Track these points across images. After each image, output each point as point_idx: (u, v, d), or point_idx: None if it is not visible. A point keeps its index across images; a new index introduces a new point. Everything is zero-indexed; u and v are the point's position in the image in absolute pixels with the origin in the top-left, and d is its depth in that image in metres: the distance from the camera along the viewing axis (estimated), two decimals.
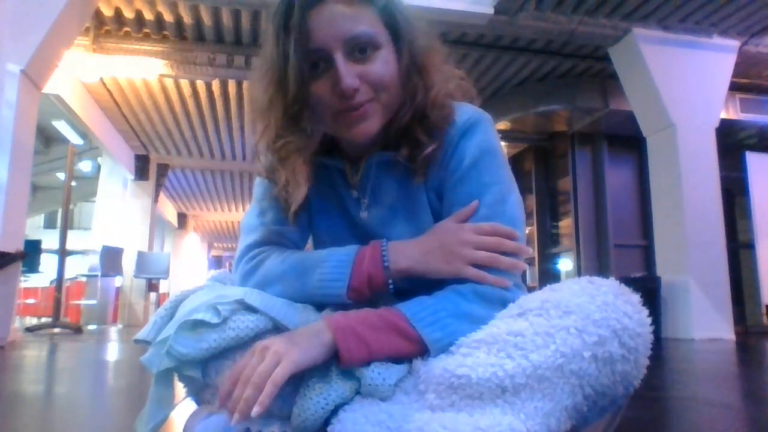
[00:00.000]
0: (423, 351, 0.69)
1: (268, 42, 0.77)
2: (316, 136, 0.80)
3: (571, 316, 0.64)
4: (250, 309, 0.73)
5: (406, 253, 0.75)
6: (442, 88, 0.80)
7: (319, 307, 0.78)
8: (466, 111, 0.82)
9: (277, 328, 0.73)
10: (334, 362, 0.70)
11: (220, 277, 0.88)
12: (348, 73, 0.72)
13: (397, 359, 0.70)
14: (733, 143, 7.04)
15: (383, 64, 0.75)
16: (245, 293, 0.74)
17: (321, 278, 0.75)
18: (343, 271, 0.74)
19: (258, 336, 0.72)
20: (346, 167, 0.84)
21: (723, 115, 5.81)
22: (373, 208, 0.83)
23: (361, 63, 0.74)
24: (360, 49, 0.73)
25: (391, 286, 0.75)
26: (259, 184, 0.88)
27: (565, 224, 7.67)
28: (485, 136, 0.80)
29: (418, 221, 0.81)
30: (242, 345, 0.71)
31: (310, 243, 0.92)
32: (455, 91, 0.83)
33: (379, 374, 0.67)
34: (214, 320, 0.70)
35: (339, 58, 0.72)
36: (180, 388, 0.75)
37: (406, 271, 0.74)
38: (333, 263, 0.75)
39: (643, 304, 0.67)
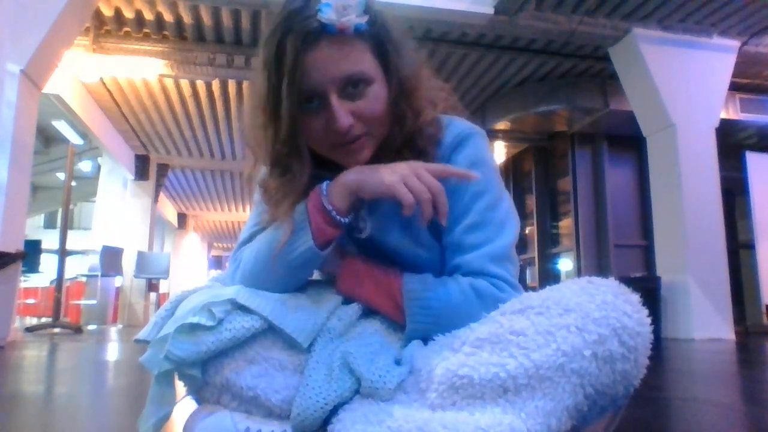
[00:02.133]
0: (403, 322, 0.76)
1: (259, 75, 0.77)
2: (304, 178, 0.79)
3: (571, 315, 0.64)
4: (244, 309, 0.73)
5: (345, 176, 0.77)
6: (429, 112, 0.81)
7: (313, 302, 0.78)
8: (457, 126, 0.83)
9: (272, 327, 0.73)
10: (336, 362, 0.70)
11: (222, 278, 0.89)
12: (342, 113, 0.73)
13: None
14: (733, 143, 7.04)
15: (374, 100, 0.76)
16: (237, 292, 0.75)
17: (286, 239, 0.75)
18: (302, 219, 0.76)
19: (255, 336, 0.72)
20: None
21: (723, 115, 5.81)
22: (369, 217, 0.84)
23: (354, 99, 0.75)
24: (353, 84, 0.75)
25: (344, 219, 0.76)
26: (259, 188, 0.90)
27: (565, 224, 7.68)
28: (476, 150, 0.82)
29: (413, 231, 0.81)
30: (240, 345, 0.72)
31: None
32: (442, 104, 0.86)
33: (380, 377, 0.67)
34: (210, 323, 0.70)
35: (333, 99, 0.73)
36: (181, 386, 0.75)
37: (346, 186, 0.75)
38: (289, 222, 0.77)
39: (643, 304, 0.67)
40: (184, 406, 0.76)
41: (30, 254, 5.26)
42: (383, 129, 0.79)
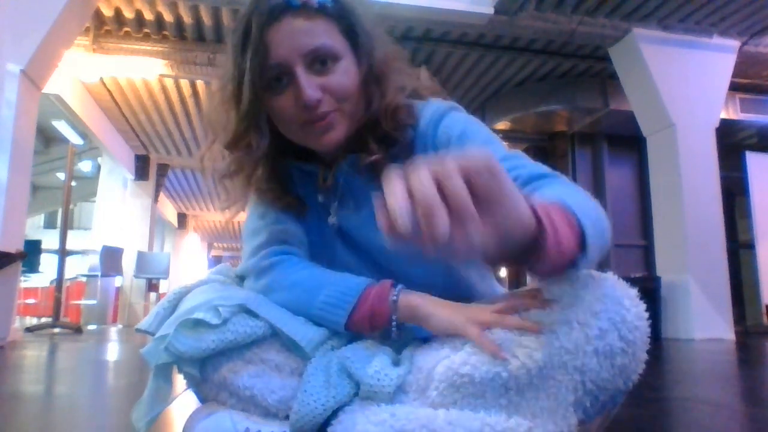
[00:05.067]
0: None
1: (227, 59, 0.79)
2: (260, 151, 0.79)
3: (572, 309, 0.63)
4: (252, 313, 0.73)
5: (416, 295, 0.74)
6: (395, 97, 0.80)
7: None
8: (434, 103, 0.82)
9: (276, 334, 0.73)
10: (333, 367, 0.70)
11: (223, 269, 0.88)
12: (309, 85, 0.73)
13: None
14: (733, 143, 7.04)
15: (343, 75, 0.76)
16: (247, 298, 0.74)
17: (324, 300, 0.75)
18: (348, 300, 0.74)
19: (256, 341, 0.73)
20: (320, 172, 0.84)
21: (723, 115, 5.81)
22: (344, 212, 0.83)
23: (323, 75, 0.75)
24: (320, 61, 0.75)
25: (394, 324, 0.73)
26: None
27: None
28: (462, 115, 0.81)
29: None
30: (240, 347, 0.72)
31: None
32: (423, 90, 0.85)
33: (378, 380, 0.67)
34: (215, 321, 0.70)
35: (300, 72, 0.73)
36: (180, 381, 0.75)
37: (413, 308, 0.72)
38: (340, 289, 0.75)
39: (641, 300, 0.67)
40: (184, 403, 0.76)
41: (30, 254, 5.27)
42: (354, 108, 0.78)
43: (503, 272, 7.19)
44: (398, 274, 0.78)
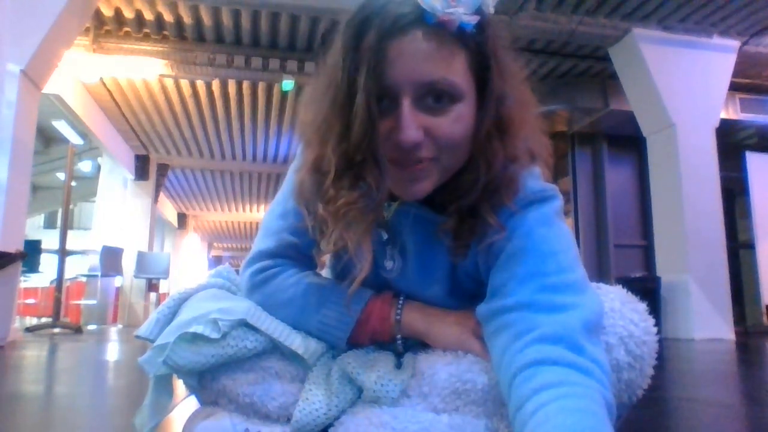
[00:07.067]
0: None
1: (336, 56, 0.64)
2: (382, 195, 0.63)
3: None
4: (252, 326, 0.72)
5: (416, 313, 0.72)
6: (524, 162, 0.66)
7: None
8: (531, 181, 0.67)
9: (276, 347, 0.73)
10: (335, 374, 0.70)
11: (223, 272, 0.88)
12: (411, 124, 0.60)
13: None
14: (733, 143, 7.04)
15: (456, 121, 0.62)
16: (248, 312, 0.73)
17: (323, 320, 0.73)
18: (347, 321, 0.72)
19: (257, 355, 0.72)
20: None
21: (723, 115, 5.81)
22: (400, 259, 0.75)
23: (432, 113, 0.61)
24: (435, 96, 0.61)
25: (400, 343, 0.73)
26: (292, 175, 0.78)
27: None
28: (545, 211, 0.66)
29: (456, 283, 0.73)
30: (239, 360, 0.72)
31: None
32: (539, 158, 0.70)
33: (382, 386, 0.67)
34: (214, 335, 0.69)
35: (405, 104, 0.60)
36: (181, 386, 0.75)
37: (416, 328, 0.72)
38: (340, 309, 0.72)
39: (649, 313, 0.67)
40: (185, 407, 0.76)
41: (30, 254, 5.25)
42: (456, 161, 0.64)
43: None
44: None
